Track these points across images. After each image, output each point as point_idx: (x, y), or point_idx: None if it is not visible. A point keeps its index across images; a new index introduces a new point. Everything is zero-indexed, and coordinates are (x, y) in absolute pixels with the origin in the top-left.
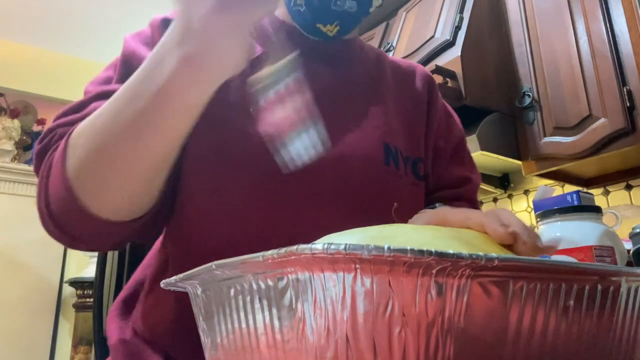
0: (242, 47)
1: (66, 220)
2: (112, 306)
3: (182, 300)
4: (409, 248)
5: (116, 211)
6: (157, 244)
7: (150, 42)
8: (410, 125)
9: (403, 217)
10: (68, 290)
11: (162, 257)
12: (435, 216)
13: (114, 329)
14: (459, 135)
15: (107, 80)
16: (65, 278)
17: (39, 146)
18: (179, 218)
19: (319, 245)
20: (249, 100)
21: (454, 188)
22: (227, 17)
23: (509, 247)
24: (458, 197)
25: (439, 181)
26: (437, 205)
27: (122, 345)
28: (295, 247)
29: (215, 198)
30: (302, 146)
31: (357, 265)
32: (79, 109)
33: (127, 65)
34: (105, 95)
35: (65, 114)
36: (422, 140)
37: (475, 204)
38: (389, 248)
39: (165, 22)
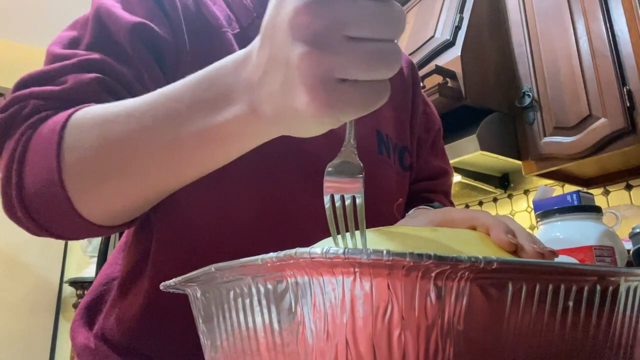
0: (320, 132)
1: (43, 214)
2: (76, 314)
3: (163, 300)
4: (407, 252)
5: (109, 218)
6: (122, 242)
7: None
8: (398, 111)
9: (394, 207)
10: (68, 290)
11: (135, 255)
12: (441, 215)
13: (81, 342)
14: (437, 126)
15: (74, 42)
16: (65, 278)
17: (3, 115)
18: (165, 211)
19: (317, 249)
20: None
21: (432, 179)
22: (320, 116)
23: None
24: (435, 190)
25: (418, 172)
26: (435, 204)
27: (92, 357)
28: (294, 251)
29: (207, 186)
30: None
31: (356, 269)
32: (55, 79)
33: (100, 25)
34: (86, 67)
35: (36, 81)
36: (408, 129)
37: (449, 196)
38: (387, 252)
39: None
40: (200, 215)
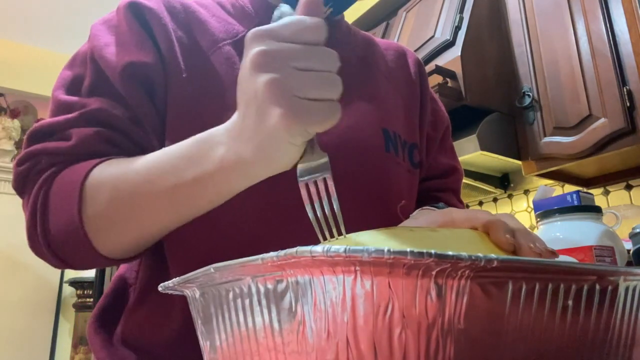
0: (294, 155)
1: (66, 252)
2: (91, 317)
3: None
4: (408, 250)
5: (127, 253)
6: None
7: (117, 31)
8: (407, 108)
9: (404, 206)
10: (68, 290)
11: (150, 264)
12: (442, 216)
13: (99, 344)
14: (445, 122)
15: (75, 83)
16: (65, 278)
17: (19, 169)
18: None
19: (318, 247)
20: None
21: (441, 178)
22: (291, 127)
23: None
24: (445, 188)
25: (427, 170)
26: (440, 205)
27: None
28: (295, 249)
29: None
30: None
31: (357, 268)
32: (61, 132)
33: (96, 69)
34: (88, 120)
35: (45, 135)
36: (417, 125)
37: (459, 194)
38: (388, 250)
39: (131, 6)
40: (208, 225)
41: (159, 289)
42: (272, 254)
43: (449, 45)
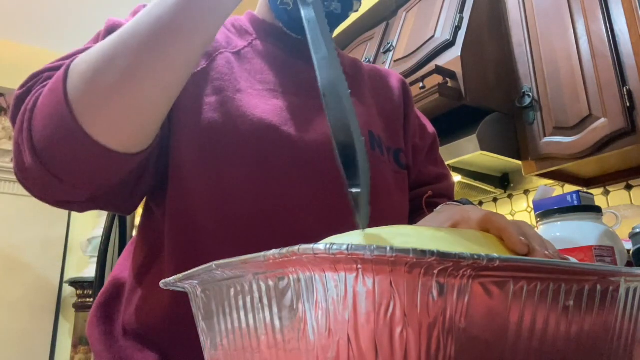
0: None
1: (52, 150)
2: (91, 312)
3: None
4: (411, 248)
5: (116, 136)
6: (129, 250)
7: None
8: (389, 120)
9: (393, 202)
10: (68, 290)
11: (146, 248)
12: (460, 214)
13: (97, 336)
14: (432, 135)
15: None
16: (65, 278)
17: (20, 91)
18: (170, 205)
19: (321, 245)
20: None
21: (433, 184)
22: None
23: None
24: (439, 194)
25: (419, 178)
26: (463, 200)
27: (108, 352)
28: (297, 247)
29: (207, 184)
30: None
31: (359, 266)
32: (66, 58)
33: (107, 32)
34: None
35: (50, 66)
36: (401, 135)
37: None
38: (391, 248)
39: (108, 23)
40: (202, 211)
41: (160, 285)
42: (274, 251)
43: (449, 45)
